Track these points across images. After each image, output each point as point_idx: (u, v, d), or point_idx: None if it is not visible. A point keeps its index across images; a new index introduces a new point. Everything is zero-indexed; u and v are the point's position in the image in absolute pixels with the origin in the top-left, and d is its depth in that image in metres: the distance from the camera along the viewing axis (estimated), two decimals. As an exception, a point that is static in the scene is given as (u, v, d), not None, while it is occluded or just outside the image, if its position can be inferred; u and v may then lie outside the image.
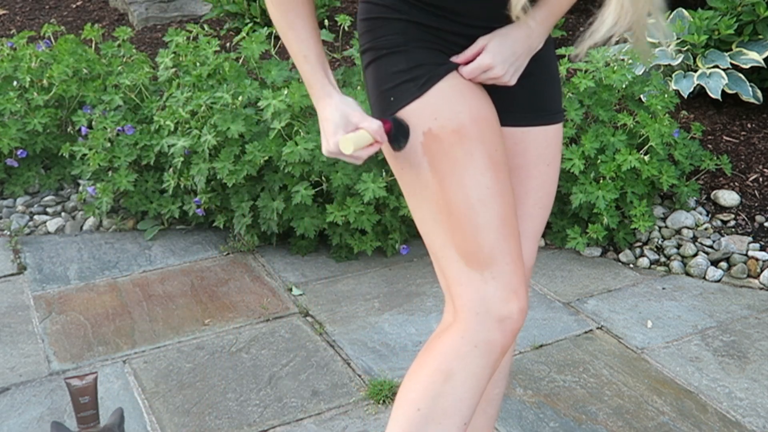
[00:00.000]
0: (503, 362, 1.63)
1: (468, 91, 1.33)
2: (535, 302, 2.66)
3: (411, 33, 1.32)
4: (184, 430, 2.08)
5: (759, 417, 2.11)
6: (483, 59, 1.32)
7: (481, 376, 1.34)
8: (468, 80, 1.34)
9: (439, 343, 1.37)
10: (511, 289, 1.32)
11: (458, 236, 1.30)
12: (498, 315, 1.31)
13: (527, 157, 1.46)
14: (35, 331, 2.51)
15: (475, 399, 1.36)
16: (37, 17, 5.28)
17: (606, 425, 2.08)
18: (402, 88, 1.32)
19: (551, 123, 1.47)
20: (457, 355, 1.34)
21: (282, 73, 3.09)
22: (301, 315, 2.60)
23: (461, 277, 1.33)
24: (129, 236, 3.13)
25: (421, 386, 1.36)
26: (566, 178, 2.91)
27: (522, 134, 1.45)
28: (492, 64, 1.32)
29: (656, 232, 3.00)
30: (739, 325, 2.53)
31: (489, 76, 1.33)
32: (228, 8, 4.66)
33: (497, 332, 1.32)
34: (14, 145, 3.24)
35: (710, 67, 3.48)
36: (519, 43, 1.33)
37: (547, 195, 1.51)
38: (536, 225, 1.52)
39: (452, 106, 1.30)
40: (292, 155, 2.68)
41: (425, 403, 1.35)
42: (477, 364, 1.33)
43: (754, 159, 3.37)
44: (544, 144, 1.47)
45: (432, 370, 1.36)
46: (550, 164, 1.48)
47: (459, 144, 1.29)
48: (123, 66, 3.45)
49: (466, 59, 1.33)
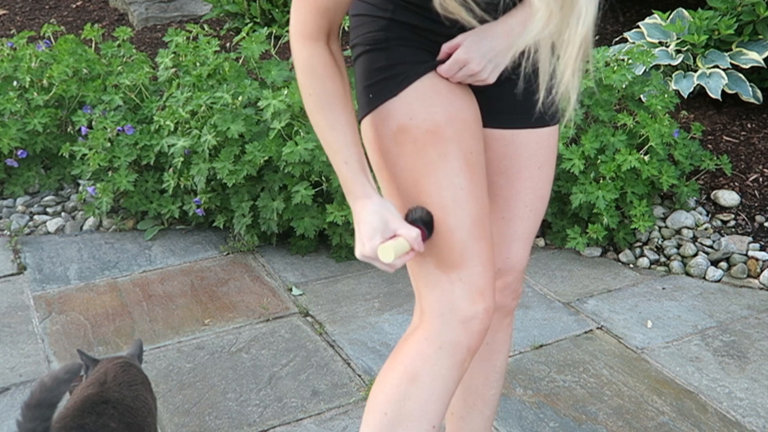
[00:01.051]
0: (498, 362, 1.63)
1: (446, 91, 1.32)
2: (535, 302, 2.66)
3: (394, 31, 1.32)
4: (184, 430, 2.08)
5: (759, 417, 2.11)
6: (458, 54, 1.31)
7: (448, 377, 1.34)
8: (449, 80, 1.33)
9: (406, 346, 1.37)
10: (477, 290, 1.31)
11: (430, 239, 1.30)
12: (462, 316, 1.31)
13: (517, 159, 1.45)
14: (35, 331, 2.51)
15: (442, 401, 1.35)
16: (37, 17, 5.28)
17: (606, 425, 2.08)
18: (381, 86, 1.32)
19: (543, 126, 1.46)
20: (422, 357, 1.34)
21: (282, 73, 3.09)
22: (301, 315, 2.60)
23: (428, 278, 1.33)
24: (129, 236, 3.13)
25: (388, 389, 1.36)
26: (566, 178, 2.91)
27: (511, 136, 1.44)
28: (468, 59, 1.30)
29: (656, 232, 3.00)
30: (739, 325, 2.53)
31: (466, 72, 1.31)
32: (228, 8, 4.66)
33: (462, 333, 1.32)
34: (14, 145, 3.24)
35: (710, 67, 3.48)
36: (497, 40, 1.31)
37: (539, 198, 1.50)
38: (527, 227, 1.51)
39: (428, 106, 1.30)
40: (292, 155, 2.68)
41: (391, 406, 1.35)
42: (443, 365, 1.33)
43: (754, 159, 3.37)
44: (535, 147, 1.46)
45: (398, 373, 1.36)
46: (542, 167, 1.47)
47: (433, 144, 1.29)
48: (123, 66, 3.45)
49: (444, 56, 1.32)
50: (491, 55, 1.32)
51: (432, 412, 1.34)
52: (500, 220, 1.49)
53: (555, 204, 2.97)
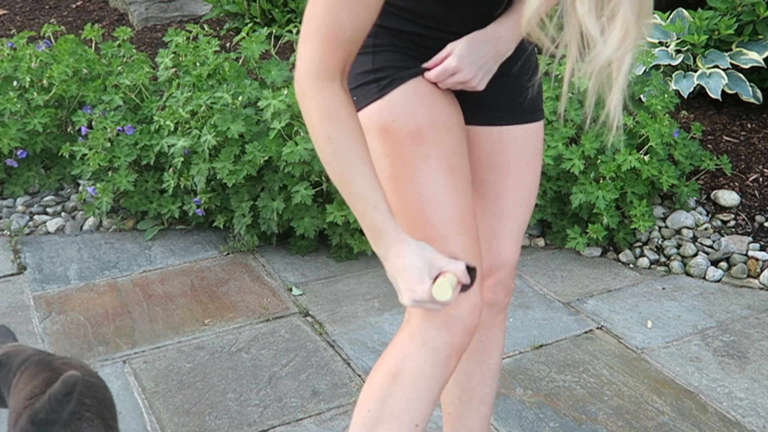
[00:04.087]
0: (493, 360, 1.63)
1: (430, 95, 1.33)
2: (535, 302, 2.66)
3: (381, 36, 1.32)
4: (184, 430, 2.08)
5: (759, 417, 2.11)
6: (449, 62, 1.32)
7: (432, 376, 1.33)
8: (434, 85, 1.34)
9: (392, 344, 1.38)
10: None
11: (412, 235, 1.30)
12: (446, 313, 1.31)
13: (506, 155, 1.46)
14: (35, 331, 2.51)
15: (426, 400, 1.35)
16: (37, 17, 5.28)
17: (606, 425, 2.08)
18: (365, 89, 1.32)
19: (529, 122, 1.47)
20: (405, 354, 1.34)
21: (282, 73, 3.09)
22: (301, 315, 2.60)
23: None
24: (129, 236, 3.13)
25: (372, 387, 1.37)
26: (566, 178, 2.91)
27: (500, 133, 1.46)
28: (458, 68, 1.31)
29: (656, 232, 3.00)
30: (739, 325, 2.53)
31: (456, 80, 1.33)
32: (228, 8, 4.66)
33: (445, 331, 1.32)
34: (14, 145, 3.24)
35: (710, 67, 3.48)
36: (486, 48, 1.33)
37: (529, 193, 1.51)
38: (517, 223, 1.52)
39: (410, 109, 1.30)
40: (292, 155, 2.68)
41: (374, 404, 1.35)
42: (426, 363, 1.32)
43: (754, 159, 3.37)
44: (523, 142, 1.47)
45: (383, 371, 1.37)
46: (530, 162, 1.49)
47: (415, 145, 1.29)
48: (123, 66, 3.45)
49: (434, 63, 1.33)
50: (481, 63, 1.33)
51: (415, 410, 1.34)
52: (491, 217, 1.50)
53: (555, 204, 2.97)
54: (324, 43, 1.15)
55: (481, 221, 1.50)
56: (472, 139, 1.46)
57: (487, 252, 1.51)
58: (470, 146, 1.46)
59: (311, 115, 1.18)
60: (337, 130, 1.17)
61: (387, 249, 1.22)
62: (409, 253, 1.21)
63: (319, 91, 1.16)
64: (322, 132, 1.18)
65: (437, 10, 1.31)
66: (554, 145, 2.84)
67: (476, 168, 1.47)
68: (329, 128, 1.17)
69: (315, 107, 1.17)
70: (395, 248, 1.21)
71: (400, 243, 1.21)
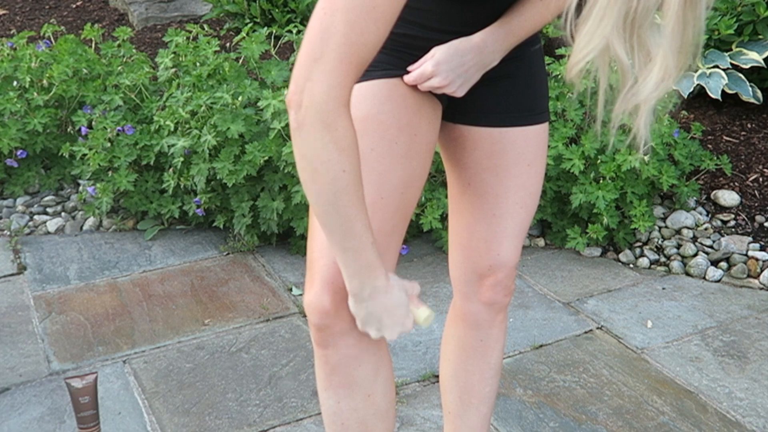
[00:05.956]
0: (493, 359, 1.63)
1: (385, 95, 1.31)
2: (535, 302, 2.66)
3: None
4: (184, 430, 2.08)
5: (759, 417, 2.11)
6: (426, 67, 1.31)
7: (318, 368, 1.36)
8: (414, 89, 1.33)
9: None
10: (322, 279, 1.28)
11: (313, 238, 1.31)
12: (311, 320, 1.31)
13: (506, 157, 1.46)
14: (35, 331, 2.51)
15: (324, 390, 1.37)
16: (37, 17, 5.28)
17: (606, 425, 2.08)
18: None
19: (531, 124, 1.46)
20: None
21: (282, 73, 3.09)
22: (301, 315, 2.60)
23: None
24: (129, 236, 3.13)
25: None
26: (566, 178, 2.91)
27: (499, 134, 1.45)
28: (434, 73, 1.31)
29: (656, 232, 3.00)
30: (739, 325, 2.53)
31: (431, 84, 1.32)
32: (228, 8, 4.66)
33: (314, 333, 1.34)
34: (14, 145, 3.24)
35: (710, 67, 3.48)
36: (468, 56, 1.32)
37: (529, 195, 1.50)
38: (518, 224, 1.51)
39: (356, 101, 1.28)
40: (292, 155, 2.68)
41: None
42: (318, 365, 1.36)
43: (754, 159, 3.37)
44: (524, 144, 1.46)
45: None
46: (531, 164, 1.48)
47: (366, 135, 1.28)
48: (123, 66, 3.45)
49: (415, 67, 1.33)
50: (461, 71, 1.32)
51: (322, 401, 1.39)
52: (490, 217, 1.50)
53: (555, 204, 2.97)
54: (346, 64, 1.04)
55: (480, 221, 1.50)
56: (472, 141, 1.46)
57: (486, 252, 1.51)
58: (471, 147, 1.46)
59: (328, 148, 1.06)
60: (352, 162, 1.08)
61: (375, 288, 1.19)
62: (396, 288, 1.22)
63: (343, 120, 1.06)
64: (339, 165, 1.07)
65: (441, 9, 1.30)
66: (554, 145, 2.84)
67: (476, 168, 1.47)
68: (346, 160, 1.08)
69: (337, 136, 1.06)
70: (384, 283, 1.20)
71: (386, 277, 1.20)
